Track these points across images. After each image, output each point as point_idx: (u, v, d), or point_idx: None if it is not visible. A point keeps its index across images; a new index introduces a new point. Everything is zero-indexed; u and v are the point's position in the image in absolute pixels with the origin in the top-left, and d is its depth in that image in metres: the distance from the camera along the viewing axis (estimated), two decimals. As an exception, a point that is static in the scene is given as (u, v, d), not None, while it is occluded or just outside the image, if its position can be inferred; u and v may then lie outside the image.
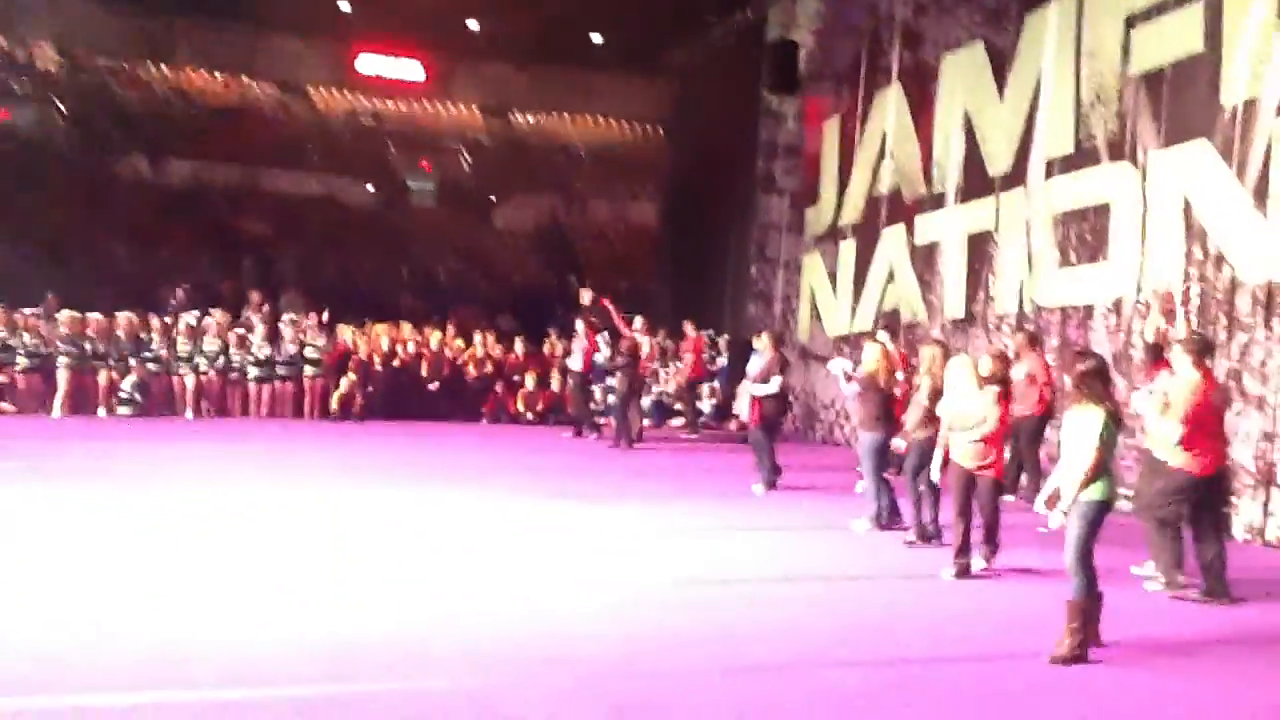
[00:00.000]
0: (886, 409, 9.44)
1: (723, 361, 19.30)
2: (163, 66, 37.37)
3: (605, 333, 16.62)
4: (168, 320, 17.78)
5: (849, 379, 10.00)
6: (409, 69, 40.76)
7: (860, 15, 17.46)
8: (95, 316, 16.89)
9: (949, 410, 8.02)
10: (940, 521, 8.78)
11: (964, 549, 7.77)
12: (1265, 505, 9.75)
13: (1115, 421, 5.97)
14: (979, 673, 5.62)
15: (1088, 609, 5.86)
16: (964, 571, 7.75)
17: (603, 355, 16.57)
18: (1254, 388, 9.97)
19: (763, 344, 11.74)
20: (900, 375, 10.21)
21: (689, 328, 18.39)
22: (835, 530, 9.53)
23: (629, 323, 16.55)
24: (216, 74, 38.35)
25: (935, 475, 8.28)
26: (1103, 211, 12.04)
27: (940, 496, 8.77)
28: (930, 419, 8.61)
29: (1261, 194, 10.03)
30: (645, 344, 15.41)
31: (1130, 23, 11.79)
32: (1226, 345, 10.26)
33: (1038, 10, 13.27)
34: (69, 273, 22.32)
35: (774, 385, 11.39)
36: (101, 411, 16.35)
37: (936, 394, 8.54)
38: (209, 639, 5.48)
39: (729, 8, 21.35)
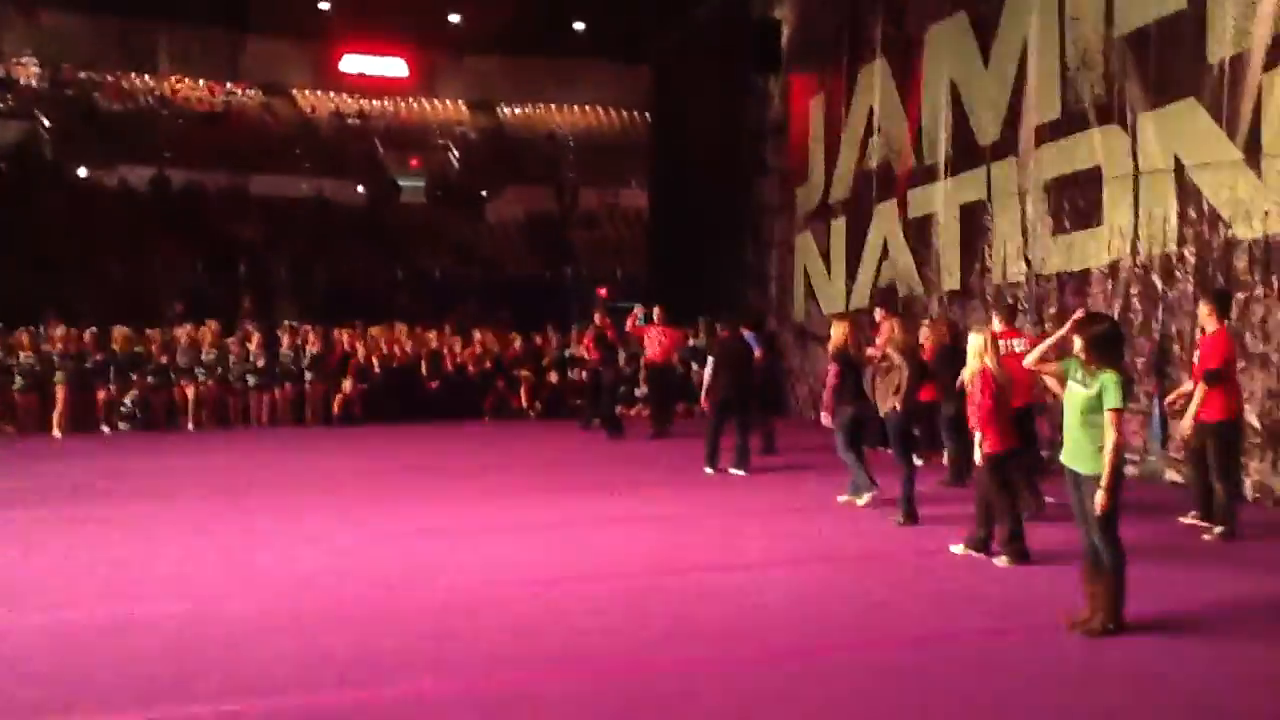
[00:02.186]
0: (856, 384, 9.57)
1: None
2: (146, 76, 37.29)
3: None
4: (164, 332, 17.70)
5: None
6: (393, 66, 40.69)
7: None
8: (92, 330, 16.83)
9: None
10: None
11: (983, 528, 7.59)
12: (1274, 464, 9.70)
13: (1126, 386, 5.87)
14: (1008, 647, 5.59)
15: (1122, 584, 5.78)
16: (1018, 556, 7.39)
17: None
18: (1255, 346, 9.92)
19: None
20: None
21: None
22: (827, 510, 9.57)
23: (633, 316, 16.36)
24: (200, 80, 38.26)
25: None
26: (1094, 175, 11.97)
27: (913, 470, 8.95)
28: (893, 391, 8.87)
29: (1253, 150, 9.96)
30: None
31: (1113, -17, 11.70)
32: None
33: (1020, -24, 13.17)
34: (61, 286, 22.31)
35: (709, 367, 12.04)
36: (104, 428, 16.29)
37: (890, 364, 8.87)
38: (220, 649, 5.45)
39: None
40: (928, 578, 7.15)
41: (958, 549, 7.70)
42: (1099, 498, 5.69)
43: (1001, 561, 7.41)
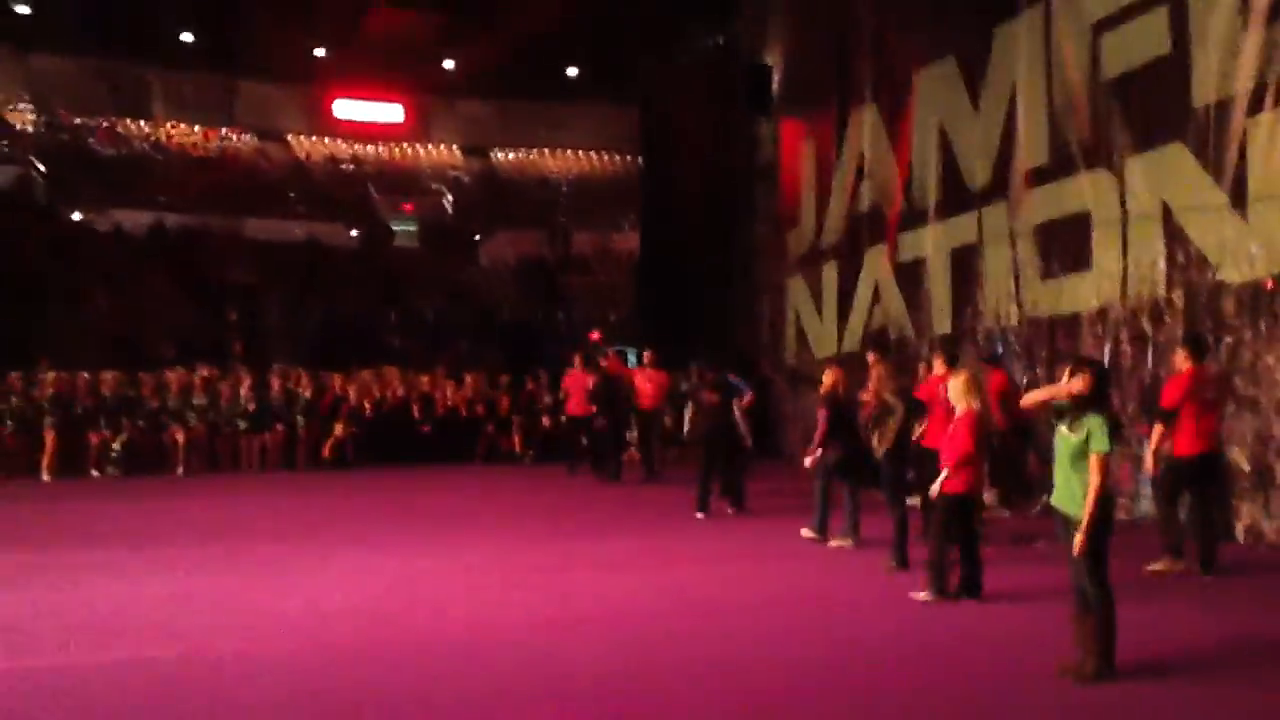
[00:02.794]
0: (846, 429, 9.78)
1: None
2: (141, 122, 37.50)
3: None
4: (155, 376, 17.62)
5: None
6: (387, 112, 40.95)
7: (831, 34, 17.52)
8: (83, 375, 16.79)
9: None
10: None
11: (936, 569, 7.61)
12: (1265, 506, 9.69)
13: (1116, 429, 5.90)
14: (997, 693, 5.55)
15: (1112, 625, 5.76)
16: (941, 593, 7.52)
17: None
18: (1245, 390, 9.94)
19: None
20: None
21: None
22: (813, 555, 9.56)
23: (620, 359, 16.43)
24: (195, 126, 38.46)
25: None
26: (1083, 219, 12.04)
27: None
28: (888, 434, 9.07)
29: (1238, 194, 10.03)
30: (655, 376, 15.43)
31: (1098, 30, 11.83)
32: (1215, 348, 10.24)
33: (1007, 23, 13.32)
34: (51, 329, 22.25)
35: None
36: (94, 472, 16.21)
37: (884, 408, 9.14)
38: (207, 692, 5.39)
39: (700, 33, 21.45)
40: (915, 624, 7.10)
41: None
42: (1076, 540, 5.71)
43: (922, 596, 7.52)
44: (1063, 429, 5.89)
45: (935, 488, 7.63)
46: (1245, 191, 9.98)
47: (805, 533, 10.07)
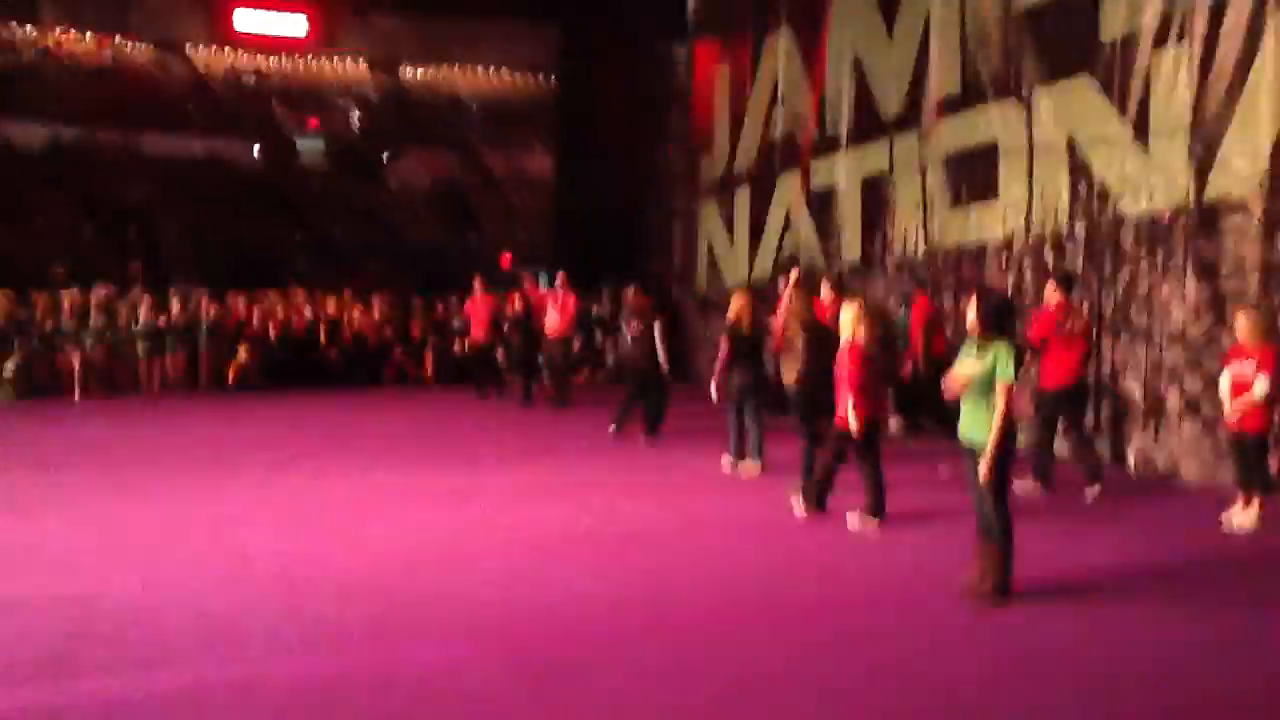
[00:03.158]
0: (749, 356, 9.91)
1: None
2: (28, 26, 35.74)
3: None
4: (47, 297, 17.01)
5: None
6: (291, 23, 39.55)
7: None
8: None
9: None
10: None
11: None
12: (1155, 435, 10.02)
13: (1019, 357, 6.00)
14: (897, 615, 5.70)
15: (1010, 552, 5.92)
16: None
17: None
18: (1140, 321, 10.21)
19: None
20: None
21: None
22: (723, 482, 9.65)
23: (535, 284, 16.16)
24: (87, 33, 36.77)
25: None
26: (991, 150, 12.17)
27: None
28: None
29: (1142, 127, 10.21)
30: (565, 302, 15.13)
31: (1011, -39, 11.87)
32: (1113, 279, 10.50)
33: (922, -50, 13.28)
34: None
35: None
36: (-19, 396, 15.68)
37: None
38: (107, 628, 5.28)
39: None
40: (816, 549, 7.24)
41: (852, 518, 7.80)
42: (982, 467, 5.82)
43: (799, 510, 7.93)
44: (968, 358, 5.99)
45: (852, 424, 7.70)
46: (1148, 125, 10.16)
47: (725, 460, 10.11)
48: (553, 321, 14.99)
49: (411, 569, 6.61)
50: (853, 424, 7.59)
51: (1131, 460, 10.20)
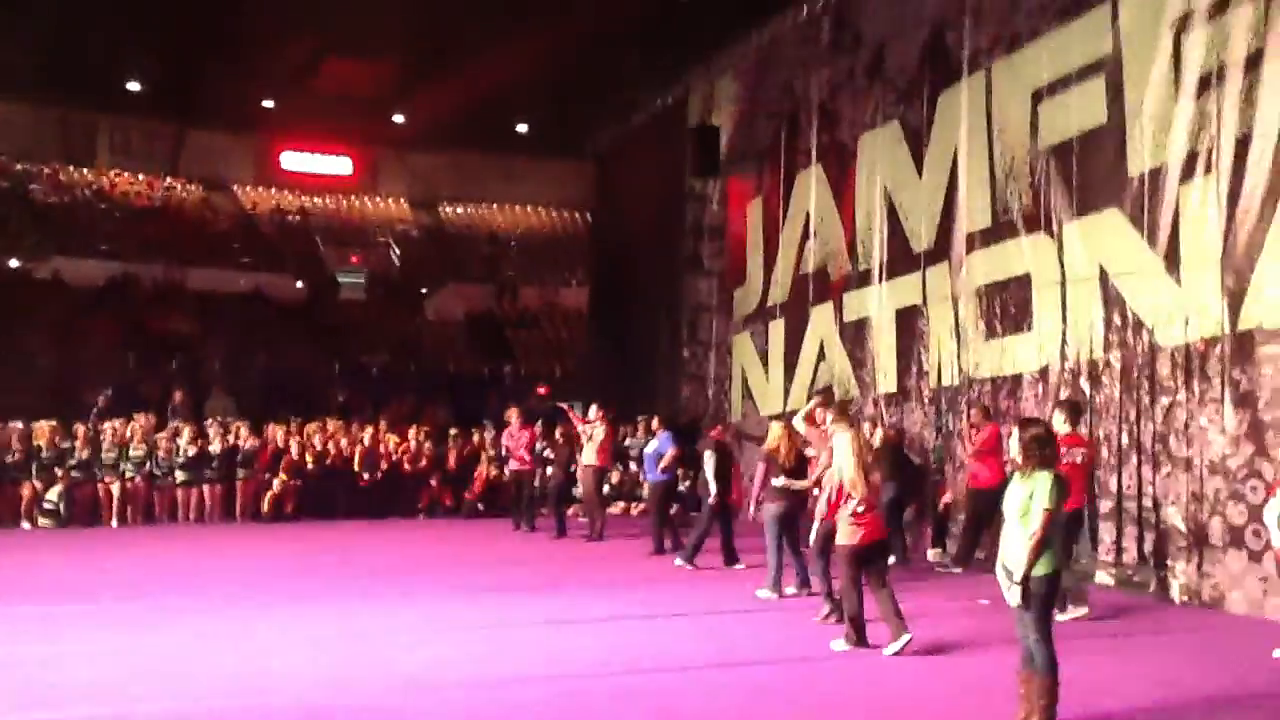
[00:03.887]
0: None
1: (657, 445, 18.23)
2: (84, 169, 37.08)
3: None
4: (91, 426, 17.28)
5: None
6: (336, 164, 40.80)
7: (777, 98, 17.84)
8: (16, 425, 16.44)
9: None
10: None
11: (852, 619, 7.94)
12: (1199, 566, 9.85)
13: (1062, 487, 6.00)
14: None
15: (1055, 684, 5.82)
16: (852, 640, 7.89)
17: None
18: (1180, 450, 10.14)
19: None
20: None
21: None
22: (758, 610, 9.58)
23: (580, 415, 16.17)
24: (139, 174, 38.05)
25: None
26: (1024, 282, 12.28)
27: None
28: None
29: (1173, 259, 10.31)
30: (600, 432, 15.11)
31: (1037, 97, 12.17)
32: (1151, 409, 10.46)
33: (949, 89, 13.64)
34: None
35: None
36: (25, 524, 15.81)
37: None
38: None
39: (650, 93, 21.73)
40: (860, 683, 7.11)
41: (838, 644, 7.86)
42: (1017, 590, 5.77)
43: (842, 645, 7.83)
44: (1013, 487, 6.01)
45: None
46: (1178, 257, 10.26)
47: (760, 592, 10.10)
48: (590, 453, 15.01)
49: (441, 695, 6.54)
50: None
51: (1176, 591, 10.01)
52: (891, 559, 9.55)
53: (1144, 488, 10.44)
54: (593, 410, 15.41)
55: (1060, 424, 9.04)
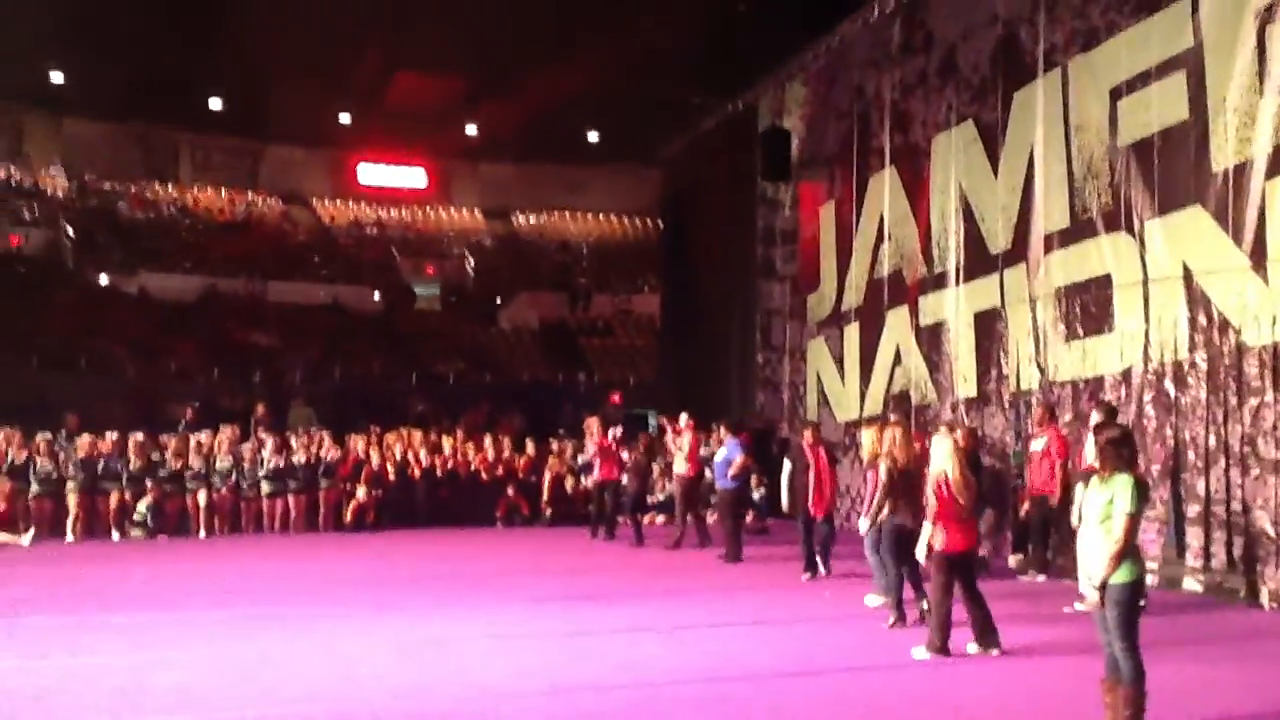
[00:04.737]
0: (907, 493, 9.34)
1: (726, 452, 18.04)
2: (169, 185, 38.07)
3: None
4: (179, 439, 17.72)
5: None
6: (411, 176, 41.44)
7: (848, 100, 17.73)
8: (111, 437, 16.92)
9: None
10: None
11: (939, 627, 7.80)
12: (1292, 571, 9.60)
13: (1143, 490, 5.90)
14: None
15: (1141, 694, 5.72)
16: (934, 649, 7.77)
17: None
18: (1269, 452, 9.88)
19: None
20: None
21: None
22: (853, 618, 9.44)
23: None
24: (221, 190, 39.00)
25: (920, 554, 8.27)
26: (1104, 282, 12.06)
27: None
28: (893, 500, 9.04)
29: (1258, 256, 10.06)
30: (686, 441, 15.12)
31: (1115, 95, 11.95)
32: (1238, 410, 10.21)
33: (1024, 87, 13.45)
34: (78, 391, 22.48)
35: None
36: (115, 535, 16.26)
37: (892, 474, 9.03)
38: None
39: (720, 99, 21.72)
40: (932, 687, 7.05)
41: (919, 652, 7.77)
42: (1096, 595, 5.70)
43: (921, 653, 7.69)
44: (1092, 491, 5.91)
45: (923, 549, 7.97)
46: (1265, 254, 10.01)
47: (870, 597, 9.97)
48: (680, 462, 15.02)
49: (520, 703, 6.60)
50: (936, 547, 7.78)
51: (1265, 597, 9.75)
52: None
53: (1232, 491, 10.19)
54: (683, 418, 15.39)
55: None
